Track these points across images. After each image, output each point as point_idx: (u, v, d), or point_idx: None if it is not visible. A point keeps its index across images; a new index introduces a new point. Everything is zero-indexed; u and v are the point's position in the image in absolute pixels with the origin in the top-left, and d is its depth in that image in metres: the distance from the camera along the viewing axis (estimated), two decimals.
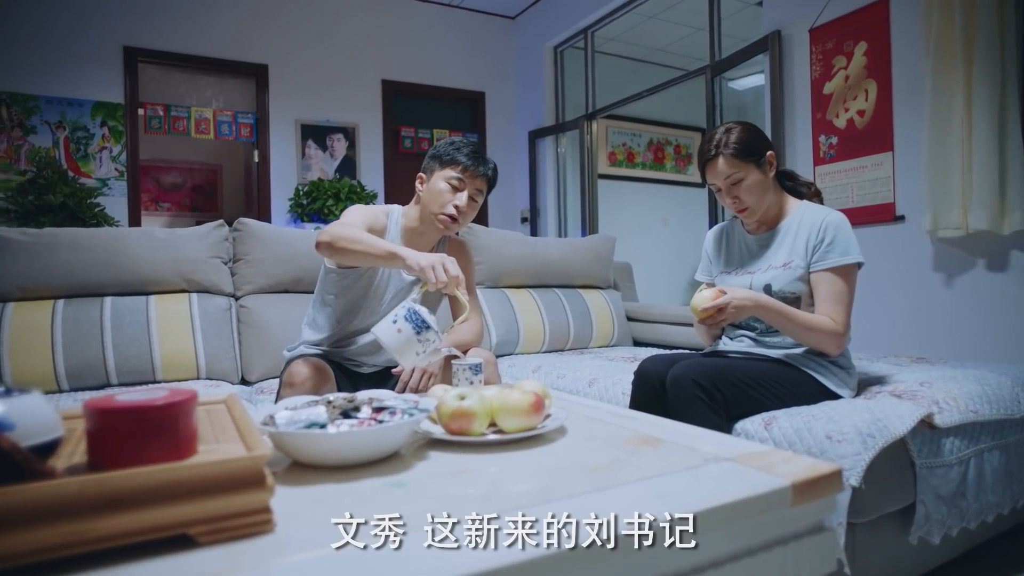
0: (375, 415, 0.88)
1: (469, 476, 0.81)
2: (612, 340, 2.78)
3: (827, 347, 1.52)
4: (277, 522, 0.65)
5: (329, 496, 0.74)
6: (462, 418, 0.93)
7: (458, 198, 1.63)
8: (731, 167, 1.57)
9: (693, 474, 0.78)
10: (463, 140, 1.70)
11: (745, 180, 1.57)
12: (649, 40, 5.65)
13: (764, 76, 3.47)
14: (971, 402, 1.48)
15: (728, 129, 1.60)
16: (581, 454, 0.89)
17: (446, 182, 1.63)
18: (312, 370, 1.51)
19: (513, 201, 5.91)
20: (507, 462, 0.86)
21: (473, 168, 1.64)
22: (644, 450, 0.89)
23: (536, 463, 0.86)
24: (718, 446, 0.89)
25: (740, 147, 1.57)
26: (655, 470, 0.80)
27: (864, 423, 1.30)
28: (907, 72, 2.84)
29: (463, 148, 1.66)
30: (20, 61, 4.12)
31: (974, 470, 1.43)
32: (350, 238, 1.46)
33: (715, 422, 1.41)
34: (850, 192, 3.07)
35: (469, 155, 1.64)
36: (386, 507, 0.71)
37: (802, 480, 0.75)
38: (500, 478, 0.80)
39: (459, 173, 1.63)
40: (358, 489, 0.76)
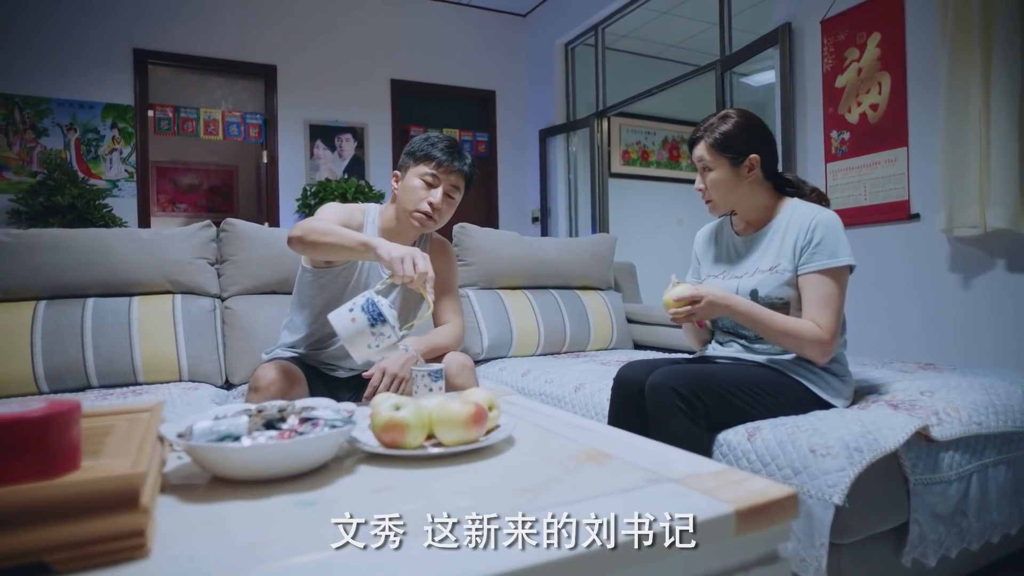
0: (299, 426, 0.83)
1: (388, 494, 0.75)
2: (611, 343, 2.70)
3: (810, 354, 1.43)
4: (155, 546, 0.60)
5: (228, 515, 0.69)
6: (395, 430, 0.87)
7: (433, 195, 1.58)
8: (706, 154, 1.53)
9: (627, 497, 0.71)
10: (438, 136, 1.65)
11: (713, 172, 1.52)
12: (662, 36, 5.54)
13: (774, 70, 3.36)
14: (975, 413, 1.38)
15: (725, 116, 1.54)
16: (517, 472, 0.82)
17: (420, 179, 1.59)
18: (278, 374, 1.47)
19: (524, 201, 5.85)
20: (436, 479, 0.80)
21: (448, 163, 1.59)
22: (587, 468, 0.82)
23: (465, 481, 0.79)
24: (668, 464, 0.81)
25: (721, 139, 1.51)
26: (589, 492, 0.74)
27: (852, 436, 1.21)
28: (923, 63, 2.71)
29: (438, 144, 1.61)
30: (32, 64, 4.18)
31: (977, 486, 1.33)
32: (321, 230, 1.43)
33: (695, 433, 1.34)
34: (862, 189, 2.95)
35: (444, 150, 1.59)
36: (283, 529, 0.66)
37: (747, 507, 0.68)
38: (420, 497, 0.74)
39: (433, 169, 1.58)
40: (263, 508, 0.71)
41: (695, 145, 1.56)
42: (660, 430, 1.35)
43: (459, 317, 1.74)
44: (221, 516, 0.69)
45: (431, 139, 1.63)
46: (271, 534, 0.64)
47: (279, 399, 1.44)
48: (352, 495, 0.75)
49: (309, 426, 0.83)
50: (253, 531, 0.65)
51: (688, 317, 1.45)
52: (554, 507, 0.69)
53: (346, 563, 0.56)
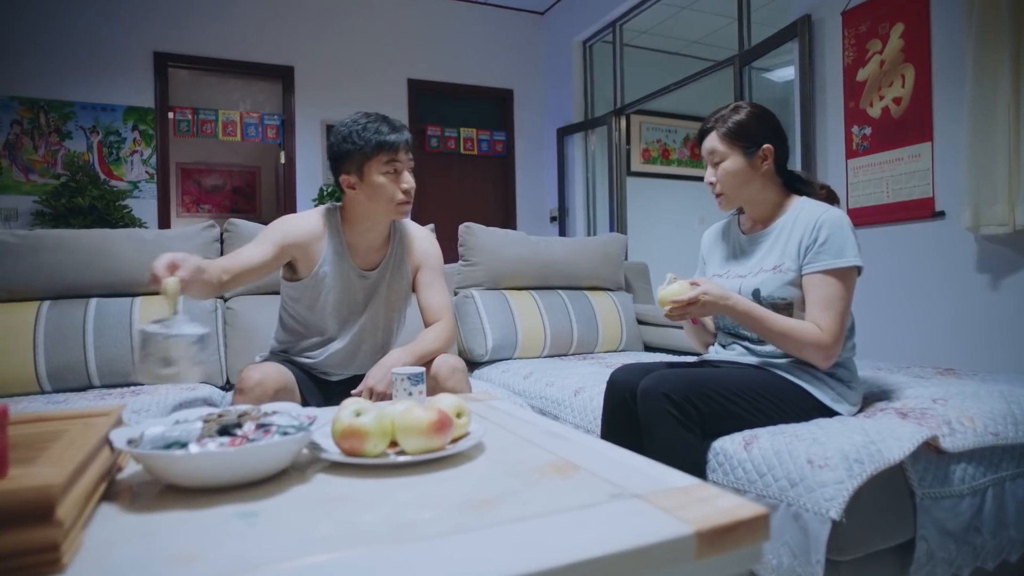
0: (254, 433, 0.80)
1: (335, 506, 0.72)
2: (620, 345, 2.64)
3: (811, 358, 1.36)
4: (75, 560, 0.57)
5: (163, 526, 0.66)
6: (354, 437, 0.84)
7: (403, 180, 1.53)
8: (718, 145, 1.47)
9: (583, 515, 0.66)
10: (366, 120, 1.52)
11: (726, 164, 1.46)
12: (682, 32, 5.44)
13: (793, 64, 3.26)
14: (992, 423, 1.30)
15: (736, 108, 1.49)
16: (477, 483, 0.78)
17: (382, 175, 1.51)
18: (263, 375, 1.44)
19: (542, 200, 5.80)
20: (390, 490, 0.77)
21: (399, 144, 1.51)
22: (550, 481, 0.77)
23: (419, 492, 0.75)
24: (635, 478, 0.77)
25: (735, 128, 1.46)
26: (544, 507, 0.69)
27: (853, 446, 1.14)
28: (948, 54, 2.59)
29: (376, 129, 1.50)
30: (57, 69, 4.27)
31: (992, 501, 1.25)
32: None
33: (687, 440, 1.28)
34: (885, 186, 2.84)
35: (388, 133, 1.50)
36: (214, 542, 0.63)
37: (710, 527, 0.63)
38: (367, 510, 0.71)
39: (390, 158, 1.51)
40: (202, 519, 0.68)
41: (706, 137, 1.50)
42: (652, 437, 1.30)
43: (449, 313, 1.67)
44: (155, 527, 0.66)
45: (366, 127, 1.50)
46: (200, 548, 0.61)
47: (265, 401, 1.42)
48: (299, 506, 0.72)
49: (261, 433, 0.80)
50: (183, 544, 0.62)
51: (683, 315, 1.39)
52: (503, 523, 0.65)
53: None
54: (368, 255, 1.65)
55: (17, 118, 4.20)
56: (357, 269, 1.63)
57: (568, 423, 1.82)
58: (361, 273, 1.63)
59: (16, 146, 4.19)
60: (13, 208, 4.16)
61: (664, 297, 1.39)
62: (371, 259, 1.65)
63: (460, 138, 5.48)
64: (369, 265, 1.65)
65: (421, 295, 1.67)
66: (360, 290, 1.64)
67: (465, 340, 2.44)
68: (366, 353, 1.67)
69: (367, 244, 1.63)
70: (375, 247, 1.65)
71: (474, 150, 5.55)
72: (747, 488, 1.22)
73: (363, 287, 1.63)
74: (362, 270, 1.63)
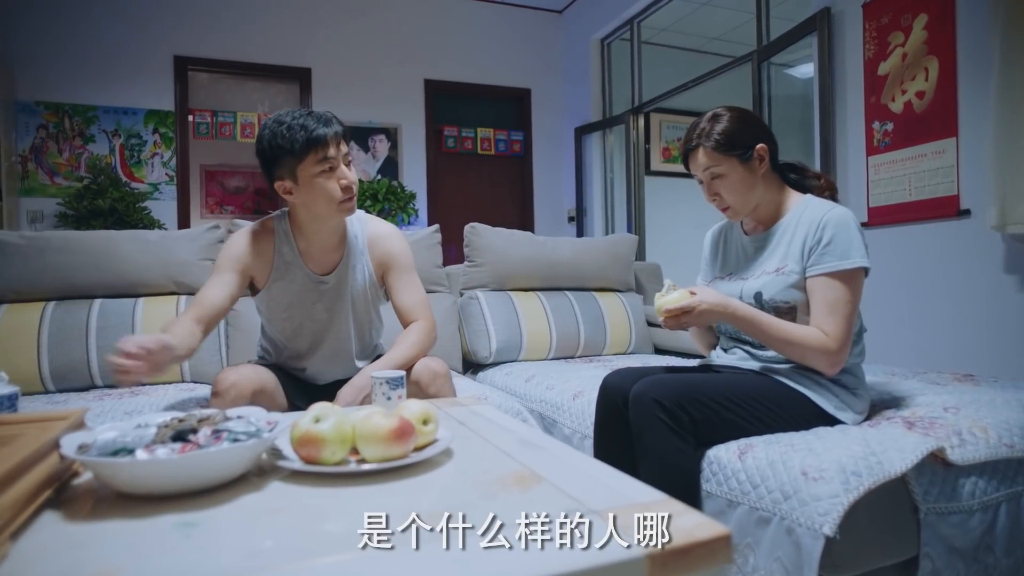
0: (204, 439, 0.78)
1: (278, 517, 0.69)
2: (629, 347, 2.58)
3: (816, 364, 1.30)
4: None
5: (95, 537, 0.64)
6: (310, 444, 0.81)
7: (340, 176, 1.43)
8: (711, 160, 1.38)
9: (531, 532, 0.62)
10: (291, 118, 1.41)
11: (726, 176, 1.38)
12: (703, 29, 5.34)
13: (812, 59, 3.16)
14: (1007, 433, 1.22)
15: (715, 116, 1.40)
16: (430, 494, 0.75)
17: (318, 176, 1.42)
18: (239, 377, 1.40)
19: (560, 201, 5.75)
20: (339, 500, 0.74)
21: (327, 139, 1.40)
22: (509, 493, 0.74)
23: (366, 504, 0.72)
24: (597, 493, 0.72)
25: (723, 138, 1.37)
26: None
27: (851, 458, 1.08)
28: (974, 45, 2.48)
29: (300, 129, 1.39)
30: (81, 74, 4.35)
31: (1007, 517, 1.17)
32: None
33: (679, 448, 1.23)
34: (907, 184, 2.73)
35: (311, 132, 1.39)
36: (140, 556, 0.60)
37: (662, 550, 0.58)
38: (309, 522, 0.68)
39: (322, 155, 1.40)
40: (138, 529, 0.66)
41: (694, 154, 1.41)
42: (642, 445, 1.25)
43: (424, 311, 1.58)
44: (90, 538, 0.64)
45: (290, 126, 1.39)
46: (125, 562, 0.59)
47: (240, 403, 1.38)
48: (242, 516, 0.69)
49: (214, 439, 0.78)
50: (110, 557, 0.60)
51: (681, 325, 1.34)
52: (441, 538, 0.62)
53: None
54: (324, 258, 1.57)
55: (43, 122, 4.29)
56: (312, 274, 1.56)
57: (566, 428, 1.78)
58: (317, 278, 1.56)
59: (42, 150, 4.29)
60: (39, 210, 4.26)
61: (660, 306, 1.34)
62: (328, 262, 1.57)
63: (477, 138, 5.46)
64: (325, 269, 1.57)
65: (394, 297, 1.61)
66: (319, 297, 1.57)
67: (469, 342, 2.41)
68: (345, 359, 1.63)
69: (320, 247, 1.55)
70: (330, 248, 1.57)
71: (491, 150, 5.52)
72: (740, 500, 1.17)
73: (321, 293, 1.57)
74: (318, 275, 1.56)
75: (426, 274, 2.38)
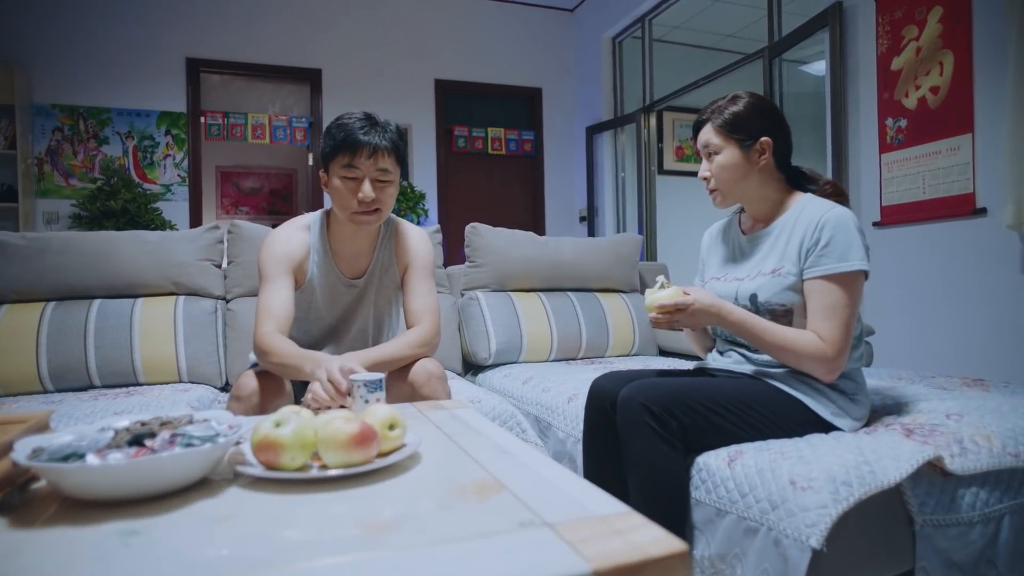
0: (158, 443, 0.76)
1: (224, 525, 0.67)
2: (633, 349, 2.54)
3: (812, 371, 1.25)
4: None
5: (33, 546, 0.62)
6: (269, 450, 0.79)
7: (362, 190, 1.42)
8: (712, 137, 1.37)
9: (477, 545, 0.60)
10: (347, 119, 1.43)
11: (720, 157, 1.36)
12: (716, 26, 5.26)
13: (824, 55, 3.09)
14: (1012, 442, 1.17)
15: (734, 98, 1.39)
16: (385, 503, 0.72)
17: (339, 178, 1.44)
18: (260, 383, 1.40)
19: (571, 200, 5.71)
20: (291, 508, 0.72)
21: (360, 146, 1.39)
22: (466, 502, 0.71)
23: (318, 512, 0.70)
24: (559, 503, 0.69)
25: (731, 119, 1.35)
26: (441, 534, 0.63)
27: (842, 467, 1.03)
28: (990, 38, 2.40)
29: (343, 128, 1.41)
30: (95, 77, 4.41)
31: (1010, 530, 1.12)
32: (277, 356, 1.36)
33: (667, 455, 1.19)
34: (921, 182, 2.66)
35: (349, 135, 1.39)
36: (78, 565, 0.58)
37: (612, 566, 0.55)
38: (254, 531, 0.65)
39: (348, 160, 1.41)
40: (78, 537, 0.64)
41: (700, 129, 1.40)
42: (630, 451, 1.22)
43: (430, 317, 1.57)
44: (27, 546, 0.62)
45: (340, 125, 1.42)
46: (52, 571, 0.57)
47: (259, 409, 1.39)
48: (189, 523, 0.67)
49: (168, 444, 0.76)
50: (36, 567, 0.58)
51: (671, 324, 1.31)
52: (387, 549, 0.59)
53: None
54: (355, 261, 1.58)
55: (58, 125, 4.36)
56: (343, 278, 1.57)
57: (560, 431, 1.74)
58: (348, 282, 1.57)
59: (57, 152, 4.35)
60: (55, 211, 4.32)
61: (652, 301, 1.31)
62: (358, 265, 1.59)
63: (488, 138, 5.44)
64: (356, 272, 1.59)
65: (405, 296, 1.60)
66: (347, 299, 1.58)
67: (469, 343, 2.38)
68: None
69: (352, 250, 1.56)
70: (362, 252, 1.58)
71: (502, 150, 5.50)
72: (729, 508, 1.13)
73: (350, 295, 1.57)
74: (348, 278, 1.57)
75: None
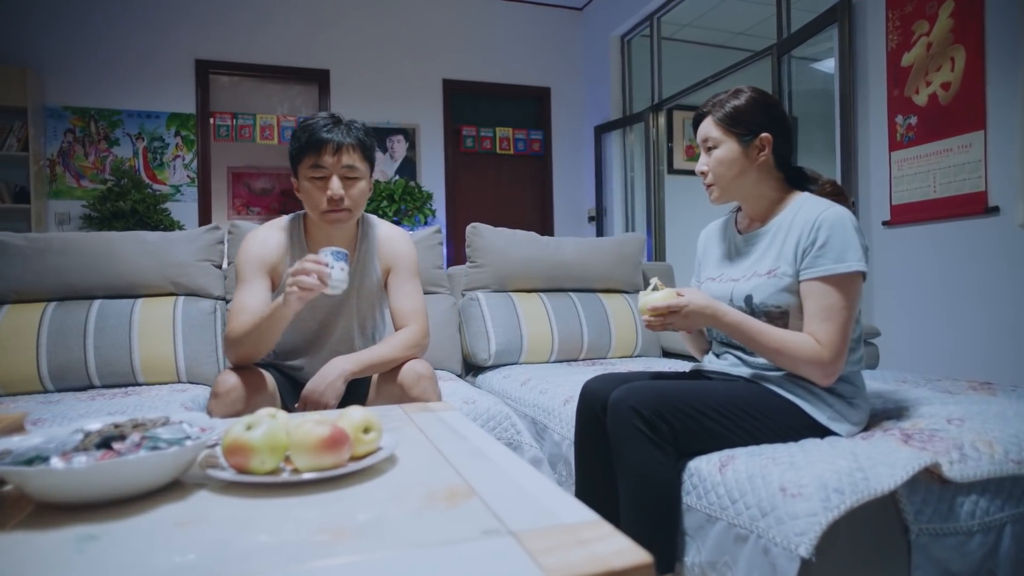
0: (124, 447, 0.76)
1: (184, 531, 0.66)
2: (635, 350, 2.51)
3: (808, 374, 1.22)
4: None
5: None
6: (239, 453, 0.78)
7: (330, 187, 1.42)
8: (712, 130, 1.34)
9: (435, 554, 0.58)
10: (311, 119, 1.44)
11: (719, 151, 1.33)
12: (725, 24, 5.21)
13: (833, 51, 3.04)
14: (1015, 448, 1.13)
15: (736, 92, 1.36)
16: (352, 508, 0.71)
17: (308, 180, 1.44)
18: (239, 380, 1.39)
19: (580, 200, 5.68)
20: (256, 513, 0.70)
21: (324, 145, 1.40)
22: (433, 509, 0.69)
23: (282, 517, 0.69)
24: (527, 511, 0.68)
25: (732, 112, 1.33)
26: (400, 542, 0.61)
27: (834, 473, 1.00)
28: (1003, 33, 2.35)
29: (306, 130, 1.42)
30: (106, 79, 4.46)
31: (1012, 540, 1.08)
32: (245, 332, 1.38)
33: (657, 459, 1.17)
34: (931, 180, 2.60)
35: (313, 134, 1.41)
36: (32, 571, 0.58)
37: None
38: (211, 537, 0.64)
39: (314, 160, 1.42)
40: (35, 542, 0.63)
41: (701, 122, 1.38)
42: (620, 455, 1.20)
43: (419, 319, 1.56)
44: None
45: (304, 127, 1.43)
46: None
47: (239, 405, 1.38)
48: (149, 528, 0.66)
49: (133, 447, 0.75)
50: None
51: (664, 326, 1.28)
52: (342, 557, 0.58)
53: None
54: None
55: (70, 127, 4.41)
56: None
57: (556, 433, 1.72)
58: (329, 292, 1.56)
59: (69, 153, 4.40)
60: (66, 212, 4.37)
61: (645, 304, 1.28)
62: None
63: (496, 138, 5.43)
64: None
65: (391, 299, 1.60)
66: (327, 302, 1.56)
67: (468, 344, 2.37)
68: None
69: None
70: None
71: (510, 150, 5.48)
72: (719, 515, 1.10)
73: (329, 298, 1.56)
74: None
75: (427, 275, 2.36)
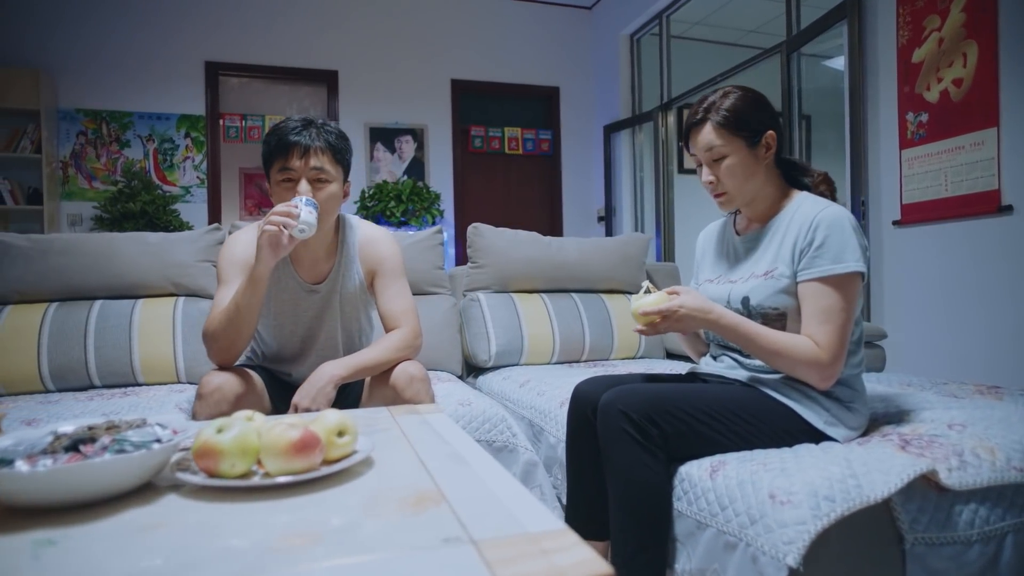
0: (90, 450, 0.75)
1: (146, 536, 0.65)
2: (638, 352, 2.48)
3: (806, 377, 1.19)
4: None
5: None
6: (208, 456, 0.77)
7: (298, 190, 1.39)
8: (716, 138, 1.28)
9: (395, 561, 0.57)
10: (282, 124, 1.43)
11: (728, 158, 1.28)
12: (735, 22, 5.15)
13: (843, 48, 2.99)
14: (1017, 455, 1.09)
15: (725, 93, 1.30)
16: (317, 513, 0.69)
17: (277, 183, 1.43)
18: (224, 380, 1.39)
19: (589, 200, 5.65)
20: (221, 517, 0.69)
21: (291, 148, 1.39)
22: (399, 515, 0.68)
23: (245, 523, 0.67)
24: (493, 519, 0.66)
25: (732, 116, 1.27)
26: (358, 549, 0.60)
27: (826, 480, 0.97)
28: (1017, 27, 2.29)
29: (276, 133, 1.42)
30: (117, 81, 4.50)
31: (1013, 550, 1.04)
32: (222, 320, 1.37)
33: (647, 464, 1.14)
34: (943, 179, 2.54)
35: (281, 138, 1.40)
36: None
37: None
38: (172, 542, 0.63)
39: (282, 164, 1.41)
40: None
41: (698, 129, 1.30)
42: (609, 459, 1.17)
43: (409, 319, 1.54)
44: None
45: (274, 129, 1.43)
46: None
47: (224, 407, 1.38)
48: (111, 533, 0.65)
49: (100, 450, 0.74)
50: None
51: (659, 330, 1.25)
52: (296, 565, 0.56)
53: None
54: (314, 267, 1.55)
55: (82, 129, 4.46)
56: (303, 283, 1.54)
57: (551, 436, 1.70)
58: (308, 287, 1.54)
59: (81, 155, 4.45)
60: (78, 214, 4.42)
61: (636, 308, 1.25)
62: (318, 271, 1.56)
63: (504, 138, 5.41)
64: (317, 278, 1.56)
65: (379, 302, 1.58)
66: (310, 306, 1.55)
67: (469, 345, 2.35)
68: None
69: (310, 256, 1.54)
70: (320, 258, 1.55)
71: (519, 150, 5.47)
72: (709, 521, 1.08)
73: (312, 302, 1.55)
74: (309, 283, 1.54)
75: (427, 275, 2.35)
